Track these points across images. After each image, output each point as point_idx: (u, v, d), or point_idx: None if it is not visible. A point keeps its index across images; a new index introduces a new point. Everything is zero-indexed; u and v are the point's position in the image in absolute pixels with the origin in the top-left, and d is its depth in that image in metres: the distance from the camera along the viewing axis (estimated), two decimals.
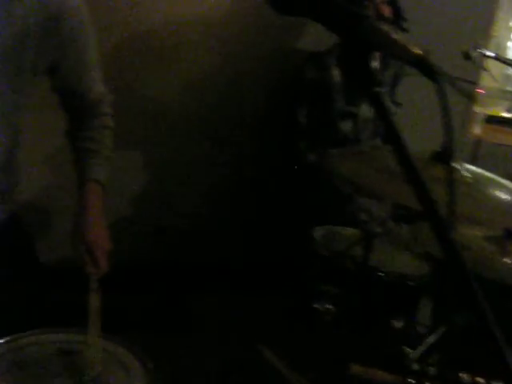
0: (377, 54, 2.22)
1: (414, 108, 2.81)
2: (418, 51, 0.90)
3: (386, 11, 2.38)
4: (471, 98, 2.94)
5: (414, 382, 1.33)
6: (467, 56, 2.58)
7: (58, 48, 1.43)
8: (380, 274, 1.81)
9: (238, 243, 2.87)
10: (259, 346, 1.47)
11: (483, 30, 3.13)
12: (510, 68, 2.98)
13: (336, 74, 2.47)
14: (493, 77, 2.94)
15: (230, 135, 2.82)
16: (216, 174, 2.88)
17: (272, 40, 2.75)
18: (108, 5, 2.46)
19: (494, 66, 2.98)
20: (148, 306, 2.32)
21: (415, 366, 1.36)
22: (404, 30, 2.43)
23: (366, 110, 2.55)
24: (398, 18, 2.40)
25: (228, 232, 2.91)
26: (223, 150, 2.83)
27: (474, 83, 2.98)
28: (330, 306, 1.76)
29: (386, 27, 1.00)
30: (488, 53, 2.61)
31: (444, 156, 1.48)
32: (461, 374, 1.34)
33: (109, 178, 1.58)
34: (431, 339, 1.55)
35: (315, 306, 1.76)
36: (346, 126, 2.52)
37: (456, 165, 1.47)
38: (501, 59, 2.64)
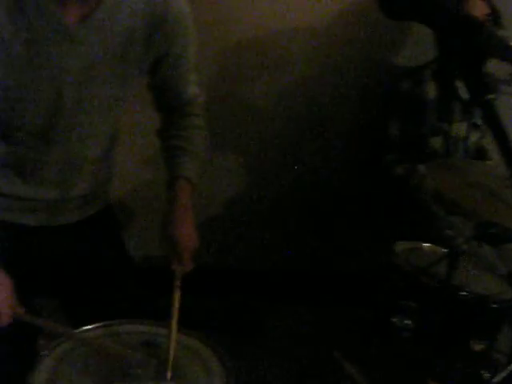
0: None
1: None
2: None
3: (481, 7, 2.32)
4: None
5: None
6: None
7: (162, 46, 1.47)
8: (462, 293, 1.77)
9: (319, 252, 2.87)
10: (335, 354, 1.46)
11: None
12: None
13: (431, 88, 2.43)
14: None
15: (326, 144, 2.84)
16: (306, 181, 2.90)
17: (370, 53, 2.75)
18: (212, 18, 2.52)
19: None
20: (227, 309, 2.35)
21: None
22: (502, 26, 2.37)
23: (458, 129, 2.50)
24: (495, 15, 2.34)
25: (312, 240, 2.91)
26: (315, 158, 2.85)
27: None
28: (409, 322, 1.74)
29: (501, 33, 0.98)
30: None
31: None
32: None
33: (199, 176, 1.60)
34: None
35: (393, 320, 1.74)
36: (437, 142, 2.48)
37: None
38: None
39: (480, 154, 2.60)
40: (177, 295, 1.42)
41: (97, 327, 1.42)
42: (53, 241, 1.57)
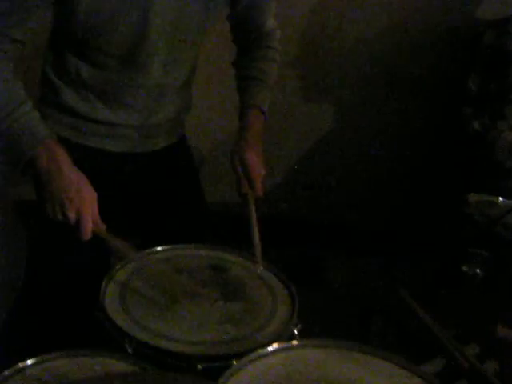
0: None
1: None
2: None
3: None
4: None
5: None
6: None
7: None
8: None
9: (388, 204, 2.85)
10: (401, 292, 1.45)
11: None
12: None
13: None
14: None
15: (398, 94, 2.80)
16: (377, 129, 2.87)
17: (455, 6, 2.67)
18: None
19: None
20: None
21: None
22: None
23: None
24: None
25: (379, 192, 2.89)
26: (387, 105, 2.81)
27: None
28: (479, 271, 1.70)
29: None
30: None
31: None
32: None
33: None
34: None
35: (464, 268, 1.71)
36: None
37: None
38: None
39: None
40: (253, 212, 1.46)
41: (167, 249, 1.46)
42: (132, 168, 1.61)
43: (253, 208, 1.48)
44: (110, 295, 1.27)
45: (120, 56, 1.43)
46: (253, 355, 1.09)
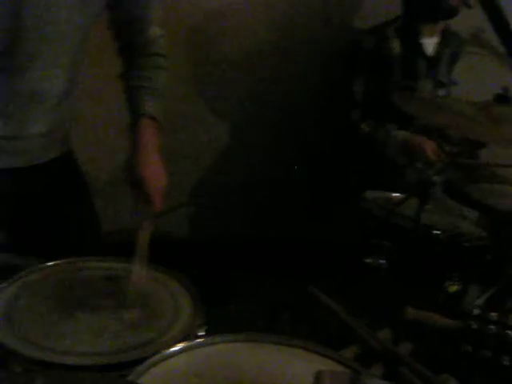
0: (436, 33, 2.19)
1: (470, 86, 2.72)
2: None
3: None
4: None
5: (475, 326, 1.25)
6: None
7: None
8: (435, 232, 1.74)
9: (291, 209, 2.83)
10: (310, 288, 1.41)
11: None
12: None
13: (395, 45, 2.41)
14: None
15: (286, 104, 2.79)
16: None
17: (332, 10, 2.71)
18: None
19: None
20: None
21: (476, 311, 1.29)
22: (469, 6, 2.37)
23: (424, 86, 2.48)
24: None
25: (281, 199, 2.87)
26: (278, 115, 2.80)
27: None
28: (383, 261, 1.70)
29: None
30: None
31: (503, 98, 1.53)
32: None
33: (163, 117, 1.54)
34: (492, 291, 1.47)
35: (368, 260, 1.70)
36: None
37: None
38: None
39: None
40: (144, 235, 1.36)
41: (60, 263, 1.36)
42: (14, 183, 1.50)
43: (143, 238, 1.36)
44: None
45: None
46: (155, 358, 1.00)
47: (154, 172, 1.45)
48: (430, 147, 2.17)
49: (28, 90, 1.40)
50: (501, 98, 1.51)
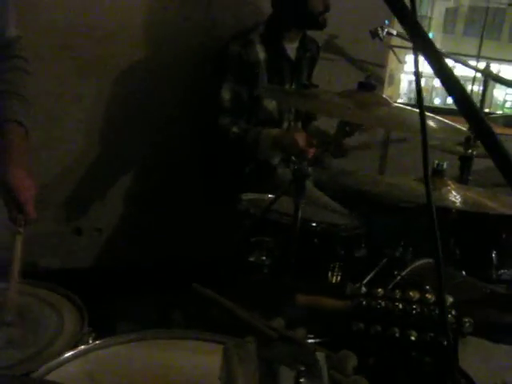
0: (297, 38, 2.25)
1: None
2: None
3: None
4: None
5: (364, 302, 1.27)
6: (375, 34, 2.64)
7: None
8: (312, 224, 1.76)
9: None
10: (194, 285, 1.37)
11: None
12: None
13: (260, 50, 2.44)
14: (398, 58, 3.04)
15: (156, 115, 2.72)
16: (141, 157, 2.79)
17: (196, 13, 2.68)
18: None
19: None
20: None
21: (363, 289, 1.31)
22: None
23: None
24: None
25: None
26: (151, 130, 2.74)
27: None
28: (265, 258, 1.70)
29: None
30: (394, 31, 2.69)
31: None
32: (411, 292, 1.29)
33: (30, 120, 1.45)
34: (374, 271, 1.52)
35: (251, 259, 1.69)
36: (270, 104, 2.49)
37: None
38: (405, 37, 2.72)
39: (307, 113, 2.68)
40: (19, 242, 1.26)
41: None
42: None
43: (18, 243, 1.28)
44: None
45: None
46: (50, 364, 0.92)
47: (24, 178, 1.37)
48: (301, 137, 2.21)
49: None
50: (364, 86, 1.57)
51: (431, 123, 1.61)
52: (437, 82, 11.99)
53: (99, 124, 2.66)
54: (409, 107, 1.72)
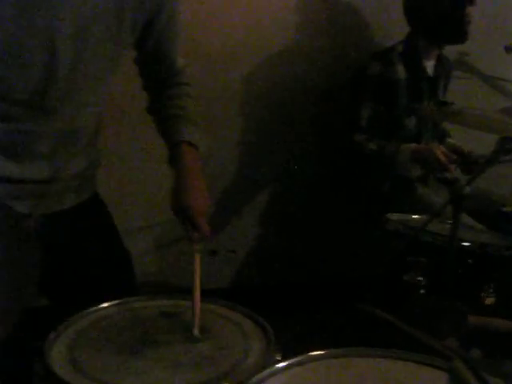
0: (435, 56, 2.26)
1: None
2: None
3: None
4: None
5: None
6: (510, 49, 2.59)
7: (153, 5, 1.40)
8: (465, 244, 1.74)
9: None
10: (359, 306, 1.39)
11: None
12: None
13: (400, 69, 2.47)
14: None
15: (293, 130, 2.79)
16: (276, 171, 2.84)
17: (338, 35, 2.75)
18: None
19: None
20: None
21: None
22: (472, 2, 2.44)
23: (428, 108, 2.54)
24: None
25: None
26: (285, 144, 2.79)
27: None
28: (421, 278, 1.69)
29: None
30: None
31: None
32: None
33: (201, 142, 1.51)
34: None
35: (405, 277, 1.69)
36: (410, 122, 2.50)
37: None
38: None
39: (444, 131, 2.67)
40: (198, 259, 1.32)
41: (112, 305, 1.31)
42: (45, 228, 1.43)
43: (198, 260, 1.33)
44: (56, 359, 1.09)
45: (26, 102, 1.29)
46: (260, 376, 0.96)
47: (199, 197, 1.42)
48: (441, 152, 2.20)
49: (61, 128, 1.37)
50: None
51: None
52: None
53: (231, 146, 2.74)
54: None
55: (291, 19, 2.68)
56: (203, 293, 1.27)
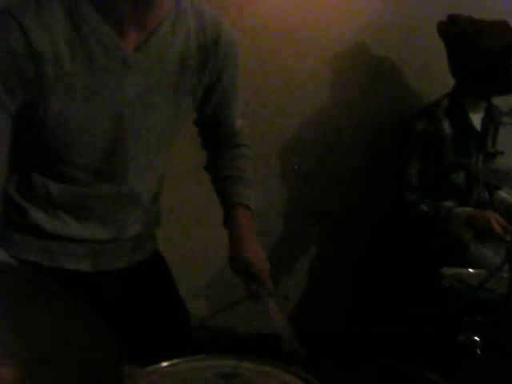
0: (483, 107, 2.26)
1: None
2: None
3: None
4: None
5: None
6: None
7: (214, 72, 1.44)
8: None
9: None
10: (417, 368, 1.39)
11: None
12: None
13: (446, 126, 2.46)
14: None
15: (339, 185, 2.83)
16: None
17: (384, 92, 2.81)
18: None
19: None
20: None
21: None
22: None
23: (476, 162, 2.53)
24: None
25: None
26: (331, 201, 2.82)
27: None
28: (477, 338, 1.67)
29: None
30: None
31: None
32: None
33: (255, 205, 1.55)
34: None
35: (460, 337, 1.67)
36: (458, 178, 2.49)
37: None
38: None
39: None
40: (273, 313, 1.34)
41: (174, 363, 1.33)
42: (108, 287, 1.49)
43: (273, 305, 1.36)
44: None
45: (93, 167, 1.36)
46: None
47: (259, 254, 1.45)
48: (495, 220, 2.19)
49: (127, 193, 1.43)
50: None
51: None
52: None
53: None
54: None
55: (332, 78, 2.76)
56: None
